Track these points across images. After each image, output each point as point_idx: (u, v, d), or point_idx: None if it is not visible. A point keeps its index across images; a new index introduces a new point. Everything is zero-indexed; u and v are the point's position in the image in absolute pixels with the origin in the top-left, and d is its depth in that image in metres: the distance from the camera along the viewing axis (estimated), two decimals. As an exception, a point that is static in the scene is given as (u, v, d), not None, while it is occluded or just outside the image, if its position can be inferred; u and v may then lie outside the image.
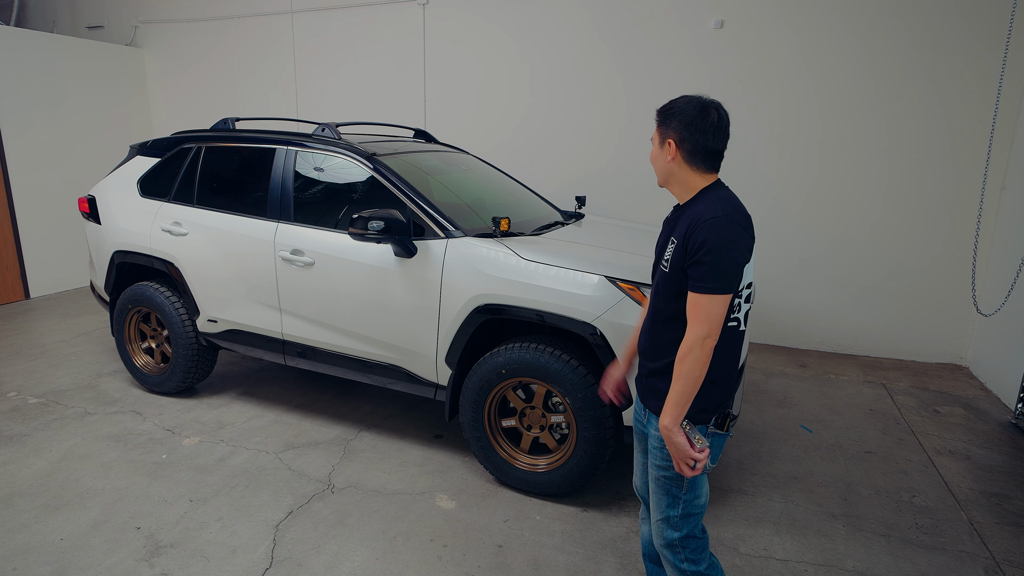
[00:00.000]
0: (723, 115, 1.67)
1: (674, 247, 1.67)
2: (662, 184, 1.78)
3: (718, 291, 1.57)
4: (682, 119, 1.65)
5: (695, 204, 1.67)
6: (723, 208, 1.60)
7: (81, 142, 6.65)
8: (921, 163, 4.61)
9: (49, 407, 3.85)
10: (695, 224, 1.59)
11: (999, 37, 4.19)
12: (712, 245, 1.55)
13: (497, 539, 2.66)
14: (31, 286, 6.33)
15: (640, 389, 1.86)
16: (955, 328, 4.75)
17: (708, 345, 1.58)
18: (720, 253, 1.55)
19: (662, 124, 1.71)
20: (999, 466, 3.33)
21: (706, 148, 1.65)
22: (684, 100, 1.68)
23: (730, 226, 1.57)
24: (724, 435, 1.75)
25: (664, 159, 1.71)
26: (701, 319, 1.58)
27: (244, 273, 3.54)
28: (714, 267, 1.55)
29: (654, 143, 1.75)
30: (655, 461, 1.77)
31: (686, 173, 1.70)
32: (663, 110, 1.71)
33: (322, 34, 6.36)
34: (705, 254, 1.55)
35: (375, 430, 3.62)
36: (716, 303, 1.57)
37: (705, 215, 1.59)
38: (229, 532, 2.67)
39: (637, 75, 5.26)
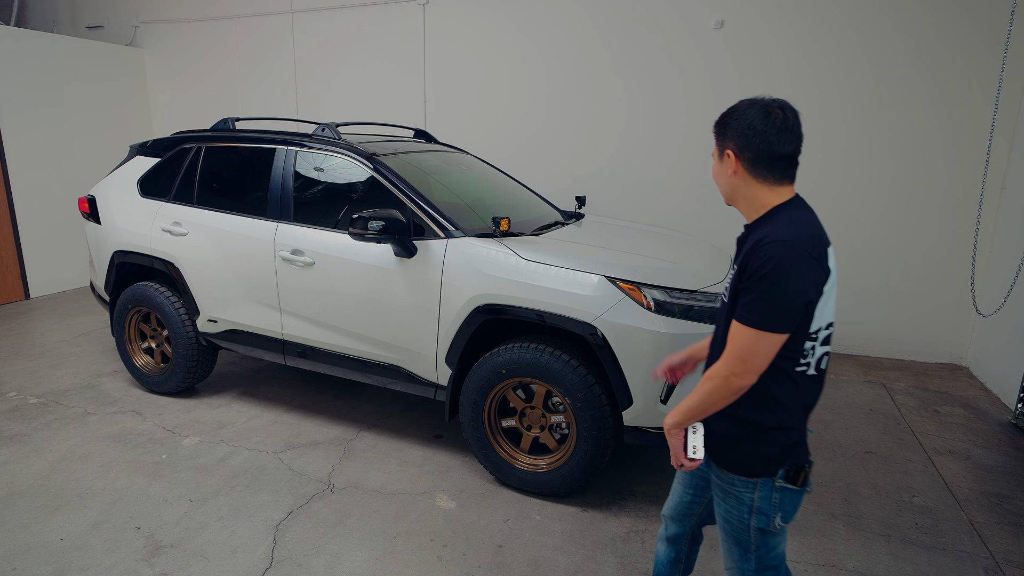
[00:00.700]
0: (790, 113, 1.44)
1: (734, 273, 1.48)
2: (727, 202, 1.57)
3: (764, 327, 1.35)
4: (740, 124, 1.45)
5: (763, 225, 1.44)
6: (792, 231, 1.37)
7: (81, 142, 6.65)
8: (921, 163, 4.61)
9: (49, 407, 3.85)
10: (755, 247, 1.39)
11: (999, 37, 4.19)
12: (767, 272, 1.34)
13: (497, 539, 2.66)
14: (31, 286, 6.33)
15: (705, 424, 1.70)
16: (955, 328, 4.75)
17: (735, 385, 1.40)
18: (776, 283, 1.33)
19: (719, 134, 1.51)
20: (999, 466, 3.33)
21: (770, 153, 1.43)
22: (743, 104, 1.49)
23: (795, 253, 1.34)
24: (799, 491, 1.51)
25: (725, 174, 1.51)
26: (735, 354, 1.39)
27: (244, 273, 3.54)
28: (765, 298, 1.34)
29: (714, 157, 1.56)
30: (719, 511, 1.62)
31: (752, 187, 1.48)
32: (720, 119, 1.51)
33: (322, 34, 6.36)
34: (758, 281, 1.35)
35: (375, 430, 3.62)
36: (760, 341, 1.36)
37: (768, 237, 1.37)
38: (229, 532, 2.67)
39: (637, 75, 5.26)
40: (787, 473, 1.49)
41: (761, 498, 1.51)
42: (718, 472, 1.58)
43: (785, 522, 1.53)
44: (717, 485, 1.59)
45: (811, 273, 1.36)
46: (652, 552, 2.59)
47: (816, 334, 1.45)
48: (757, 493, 1.51)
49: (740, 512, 1.54)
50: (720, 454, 1.56)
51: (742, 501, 1.53)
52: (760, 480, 1.50)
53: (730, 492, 1.55)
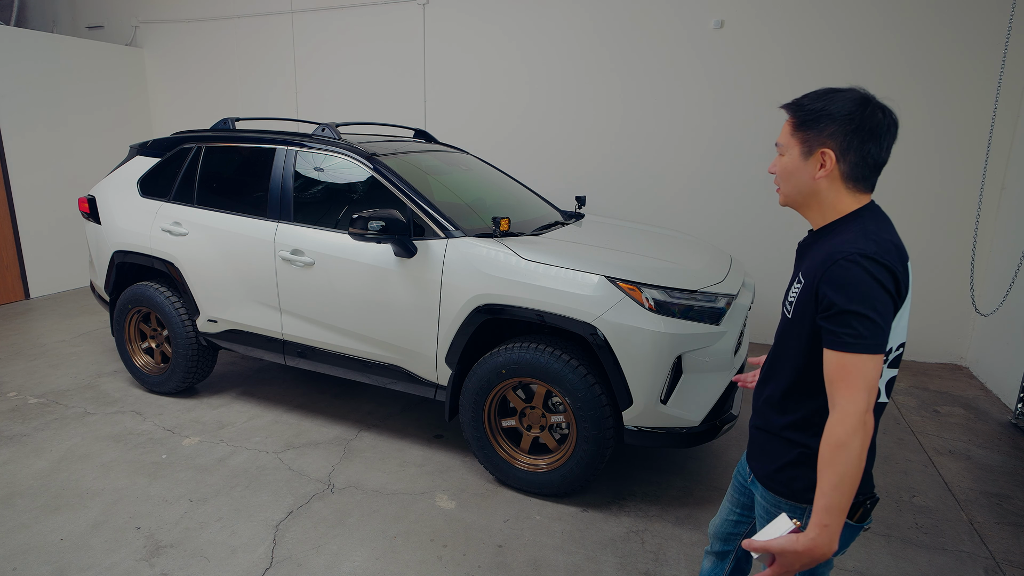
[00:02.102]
0: (892, 115, 1.31)
1: (801, 288, 1.32)
2: (790, 204, 1.40)
3: (877, 349, 1.20)
4: (843, 122, 1.27)
5: (836, 233, 1.30)
6: (874, 244, 1.23)
7: (81, 142, 6.65)
8: (921, 163, 4.61)
9: (49, 407, 3.85)
10: (832, 260, 1.23)
11: (999, 37, 4.19)
12: (861, 290, 1.20)
13: (497, 539, 2.66)
14: (31, 286, 6.33)
15: (749, 441, 1.57)
16: (955, 328, 4.75)
17: (870, 423, 1.19)
18: (871, 300, 1.19)
19: (808, 127, 1.31)
20: (999, 466, 3.33)
21: (874, 161, 1.30)
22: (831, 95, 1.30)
23: (881, 267, 1.21)
24: (856, 527, 1.37)
25: (809, 174, 1.32)
26: (858, 387, 1.19)
27: (244, 273, 3.54)
28: (867, 318, 1.19)
29: (788, 152, 1.36)
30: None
31: (837, 193, 1.32)
32: (805, 108, 1.32)
33: (322, 34, 6.36)
34: (851, 301, 1.20)
35: (375, 430, 3.62)
36: (873, 365, 1.20)
37: (845, 249, 1.22)
38: (229, 532, 2.67)
39: (636, 75, 5.26)
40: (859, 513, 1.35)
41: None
42: (764, 493, 1.46)
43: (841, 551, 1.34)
44: (763, 507, 1.46)
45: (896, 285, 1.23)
46: (652, 552, 2.59)
47: (888, 354, 1.32)
48: (807, 518, 1.35)
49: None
50: (769, 475, 1.44)
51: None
52: (808, 506, 1.37)
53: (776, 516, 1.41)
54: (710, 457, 3.38)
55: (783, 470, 1.41)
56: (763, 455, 1.46)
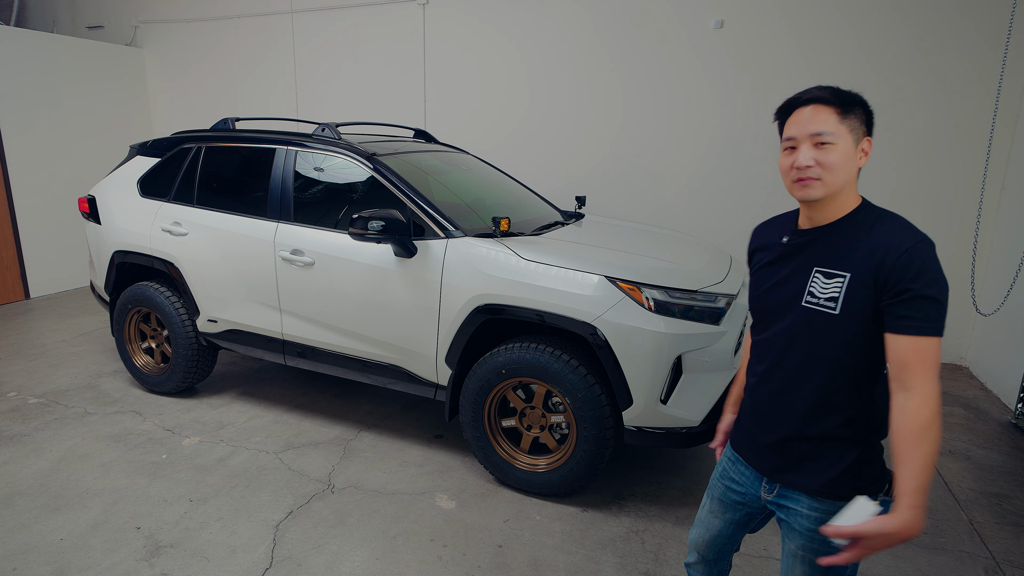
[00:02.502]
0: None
1: (846, 281, 1.31)
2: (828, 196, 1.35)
3: (941, 332, 1.26)
4: (868, 111, 1.34)
5: (866, 226, 1.34)
6: (917, 230, 1.31)
7: (81, 142, 6.65)
8: (921, 163, 4.61)
9: (49, 407, 3.85)
10: (894, 250, 1.26)
11: (999, 37, 4.19)
12: (934, 275, 1.24)
13: (497, 539, 2.66)
14: (31, 286, 6.33)
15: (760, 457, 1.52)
16: (955, 328, 4.74)
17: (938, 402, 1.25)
18: (943, 284, 1.26)
19: (850, 113, 1.32)
20: (999, 466, 3.33)
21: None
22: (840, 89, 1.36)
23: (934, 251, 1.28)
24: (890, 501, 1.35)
25: (855, 164, 1.34)
26: (932, 371, 1.23)
27: (244, 273, 3.54)
28: (941, 302, 1.25)
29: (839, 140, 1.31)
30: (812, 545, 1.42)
31: (854, 185, 1.37)
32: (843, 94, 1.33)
33: (322, 34, 6.36)
34: (928, 286, 1.23)
35: (375, 430, 3.62)
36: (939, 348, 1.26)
37: (906, 239, 1.27)
38: (229, 532, 2.67)
39: (636, 75, 5.26)
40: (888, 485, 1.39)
41: None
42: (820, 505, 1.40)
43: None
44: (813, 519, 1.40)
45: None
46: (652, 552, 2.59)
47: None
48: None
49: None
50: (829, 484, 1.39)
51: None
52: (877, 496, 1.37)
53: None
54: (710, 457, 3.38)
55: (847, 473, 1.37)
56: (810, 465, 1.40)
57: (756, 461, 1.53)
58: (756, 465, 1.53)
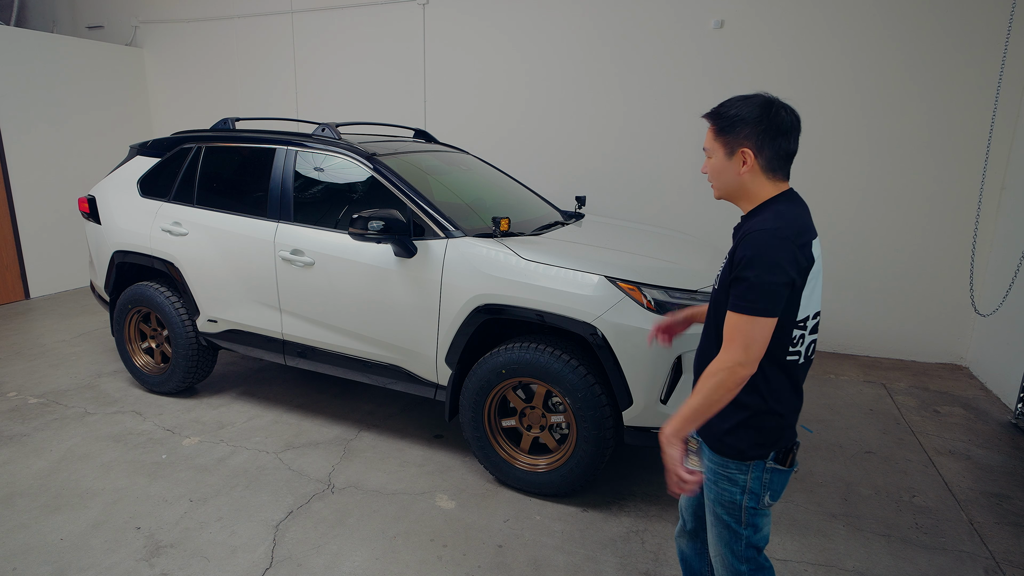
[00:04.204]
0: (794, 112, 1.53)
1: (725, 263, 1.56)
2: (724, 197, 1.62)
3: (759, 312, 1.41)
4: (757, 124, 1.49)
5: (754, 215, 1.53)
6: (778, 222, 1.45)
7: (81, 142, 6.65)
8: (920, 162, 4.61)
9: (49, 407, 3.85)
10: (744, 237, 1.47)
11: (999, 37, 4.19)
12: (753, 257, 1.42)
13: (497, 539, 2.66)
14: (31, 286, 6.33)
15: None
16: (955, 328, 4.75)
17: (740, 374, 1.43)
18: (763, 268, 1.40)
19: (726, 132, 1.54)
20: (999, 466, 3.33)
21: (785, 152, 1.53)
22: (742, 102, 1.52)
23: (779, 240, 1.42)
24: (787, 471, 1.60)
25: (733, 171, 1.54)
26: (737, 343, 1.43)
27: (244, 273, 3.54)
28: (756, 284, 1.40)
29: (713, 154, 1.57)
30: (710, 494, 1.65)
31: (759, 183, 1.54)
32: (722, 116, 1.54)
33: (322, 34, 6.36)
34: (745, 268, 1.42)
35: (375, 430, 3.62)
36: (757, 326, 1.41)
37: (754, 227, 1.46)
38: (229, 532, 2.67)
39: (636, 75, 5.26)
40: (777, 455, 1.57)
41: (753, 479, 1.58)
42: (711, 456, 1.62)
43: (773, 500, 1.60)
44: (711, 469, 1.63)
45: (793, 257, 1.42)
46: (652, 552, 2.59)
47: (804, 322, 1.52)
48: (750, 475, 1.58)
49: (732, 493, 1.60)
50: (715, 439, 1.60)
51: (735, 483, 1.59)
52: (753, 463, 1.57)
53: (723, 475, 1.60)
54: (710, 457, 3.38)
55: (731, 433, 1.57)
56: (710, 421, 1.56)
57: None
58: None
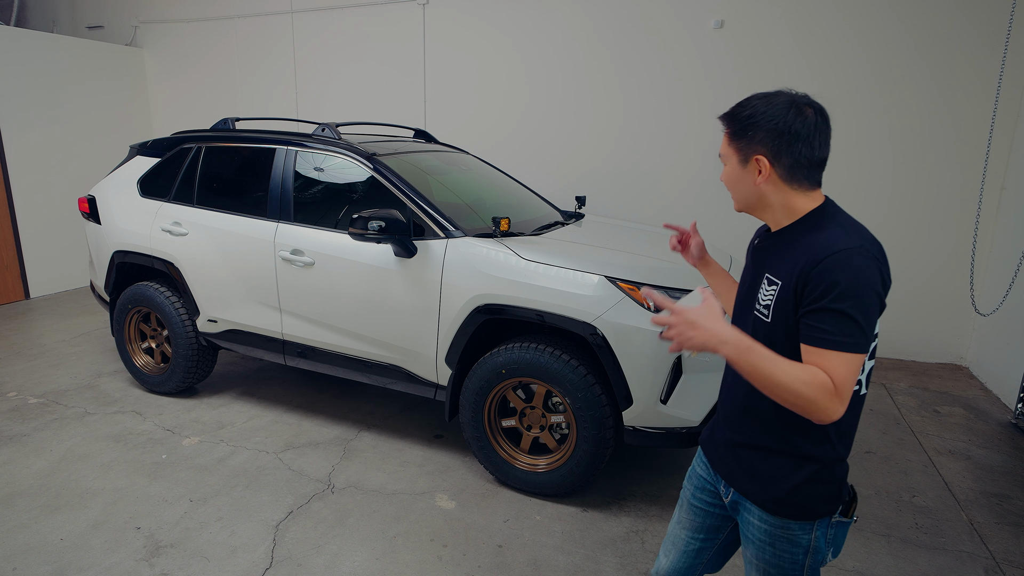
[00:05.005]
0: (821, 111, 1.30)
1: (778, 289, 1.28)
2: (745, 210, 1.41)
3: (859, 349, 1.18)
4: (774, 128, 1.28)
5: (808, 231, 1.29)
6: (856, 238, 1.22)
7: (81, 142, 6.65)
8: (921, 163, 4.61)
9: (49, 407, 3.85)
10: (818, 258, 1.20)
11: (999, 37, 4.19)
12: (849, 287, 1.17)
13: (497, 539, 2.66)
14: (31, 286, 6.33)
15: (719, 458, 1.50)
16: (955, 328, 4.75)
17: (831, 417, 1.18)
18: (861, 298, 1.18)
19: (740, 136, 1.33)
20: (999, 466, 3.33)
21: (812, 160, 1.29)
22: (762, 101, 1.31)
23: (868, 262, 1.20)
24: (849, 522, 1.40)
25: (750, 181, 1.34)
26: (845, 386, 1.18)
27: (244, 273, 3.54)
28: (854, 317, 1.17)
29: (728, 161, 1.38)
30: (764, 556, 1.41)
31: (784, 193, 1.32)
32: (737, 118, 1.33)
33: (322, 34, 6.36)
34: (838, 299, 1.17)
35: (375, 430, 3.62)
36: (855, 364, 1.18)
37: (834, 246, 1.20)
38: (229, 532, 2.67)
39: (636, 75, 5.26)
40: (843, 508, 1.38)
41: (818, 537, 1.37)
42: (769, 519, 1.38)
43: (835, 556, 1.42)
44: (763, 531, 1.39)
45: (882, 280, 1.22)
46: (652, 552, 2.59)
47: (874, 350, 1.31)
48: (814, 533, 1.36)
49: (794, 555, 1.38)
50: (773, 502, 1.37)
51: (798, 543, 1.37)
52: (818, 520, 1.36)
53: (781, 536, 1.38)
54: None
55: (796, 491, 1.34)
56: (760, 476, 1.38)
57: (715, 460, 1.51)
58: (714, 464, 1.51)
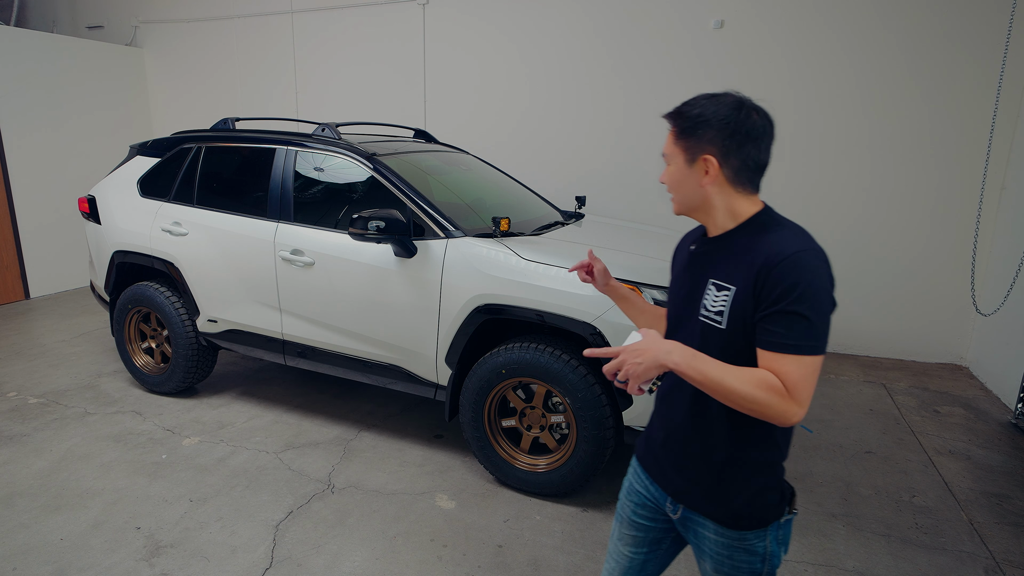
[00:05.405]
0: (767, 116, 1.29)
1: (732, 294, 1.25)
2: (685, 212, 1.36)
3: (819, 351, 1.17)
4: (724, 126, 1.25)
5: (756, 234, 1.27)
6: (805, 240, 1.22)
7: (81, 142, 6.65)
8: (921, 163, 4.61)
9: (49, 407, 3.85)
10: (774, 261, 1.19)
11: (999, 37, 4.19)
12: (807, 289, 1.16)
13: (497, 539, 2.66)
14: (31, 286, 6.33)
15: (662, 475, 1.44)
16: (955, 328, 4.75)
17: (791, 421, 1.17)
18: (819, 298, 1.17)
19: (689, 134, 1.29)
20: (999, 466, 3.33)
21: (757, 162, 1.28)
22: (709, 101, 1.28)
23: (822, 263, 1.19)
24: (792, 517, 1.39)
25: (695, 181, 1.30)
26: (802, 390, 1.16)
27: (244, 273, 3.54)
28: (815, 320, 1.16)
29: (672, 160, 1.33)
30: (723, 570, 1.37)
31: (729, 196, 1.30)
32: (686, 116, 1.30)
33: (322, 34, 6.36)
34: (797, 301, 1.15)
35: (375, 430, 3.62)
36: (811, 367, 1.17)
37: (788, 248, 1.19)
38: (229, 532, 2.67)
39: (636, 75, 5.26)
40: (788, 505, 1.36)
41: (771, 542, 1.35)
42: (726, 532, 1.35)
43: (786, 552, 1.40)
44: (721, 544, 1.36)
45: (833, 281, 1.22)
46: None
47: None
48: (768, 539, 1.35)
49: (752, 563, 1.36)
50: (733, 517, 1.34)
51: (755, 552, 1.35)
52: (770, 525, 1.34)
53: (739, 548, 1.35)
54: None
55: (752, 502, 1.32)
56: (715, 493, 1.34)
57: (658, 476, 1.46)
58: (658, 481, 1.46)
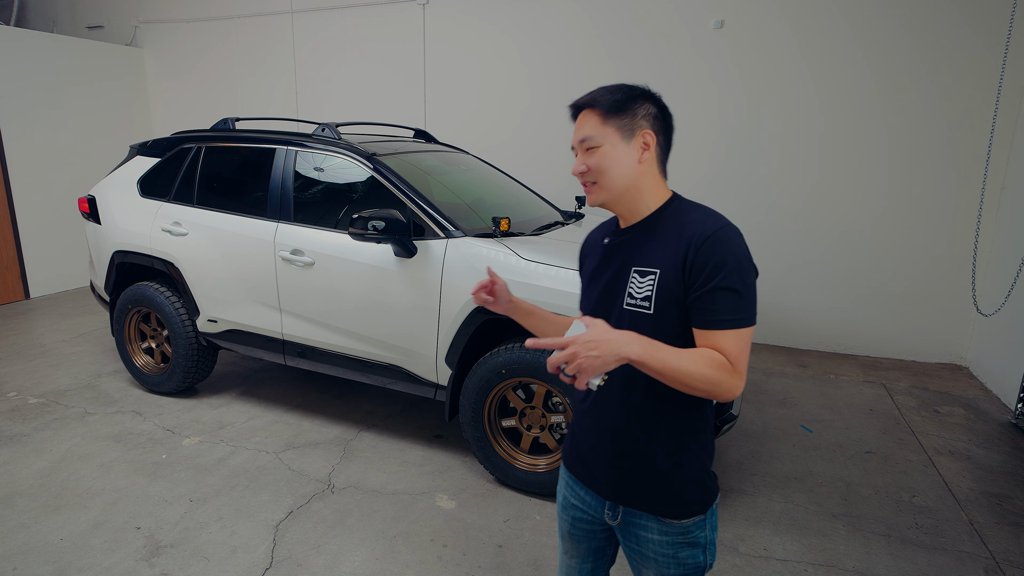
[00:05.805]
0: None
1: (656, 277, 1.22)
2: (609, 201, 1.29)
3: (747, 322, 1.17)
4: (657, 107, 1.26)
5: (674, 217, 1.26)
6: (722, 218, 1.22)
7: (81, 142, 6.65)
8: (921, 163, 4.61)
9: (49, 407, 3.85)
10: (699, 240, 1.18)
11: (999, 37, 4.19)
12: (735, 264, 1.16)
13: (497, 539, 2.66)
14: (31, 286, 6.33)
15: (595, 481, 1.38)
16: (955, 328, 4.75)
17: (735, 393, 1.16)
18: (745, 271, 1.18)
19: (620, 110, 1.24)
20: (999, 466, 3.33)
21: (670, 145, 1.32)
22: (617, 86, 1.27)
23: (740, 236, 1.21)
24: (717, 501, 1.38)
25: (633, 159, 1.25)
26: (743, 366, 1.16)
27: (244, 273, 3.54)
28: (745, 292, 1.17)
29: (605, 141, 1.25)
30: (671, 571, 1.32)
31: (654, 179, 1.28)
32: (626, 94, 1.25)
33: (322, 34, 6.36)
34: (728, 276, 1.15)
35: (375, 430, 3.62)
36: (746, 338, 1.17)
37: (710, 226, 1.19)
38: (229, 532, 2.67)
39: (637, 75, 5.23)
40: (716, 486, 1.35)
41: (710, 528, 1.33)
42: (671, 528, 1.30)
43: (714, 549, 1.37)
44: (665, 543, 1.31)
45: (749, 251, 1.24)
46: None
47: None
48: (707, 526, 1.32)
49: (696, 556, 1.31)
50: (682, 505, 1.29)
51: (698, 544, 1.31)
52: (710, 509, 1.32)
53: (685, 543, 1.30)
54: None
55: (695, 487, 1.30)
56: (657, 486, 1.29)
57: (591, 483, 1.39)
58: (594, 487, 1.39)
